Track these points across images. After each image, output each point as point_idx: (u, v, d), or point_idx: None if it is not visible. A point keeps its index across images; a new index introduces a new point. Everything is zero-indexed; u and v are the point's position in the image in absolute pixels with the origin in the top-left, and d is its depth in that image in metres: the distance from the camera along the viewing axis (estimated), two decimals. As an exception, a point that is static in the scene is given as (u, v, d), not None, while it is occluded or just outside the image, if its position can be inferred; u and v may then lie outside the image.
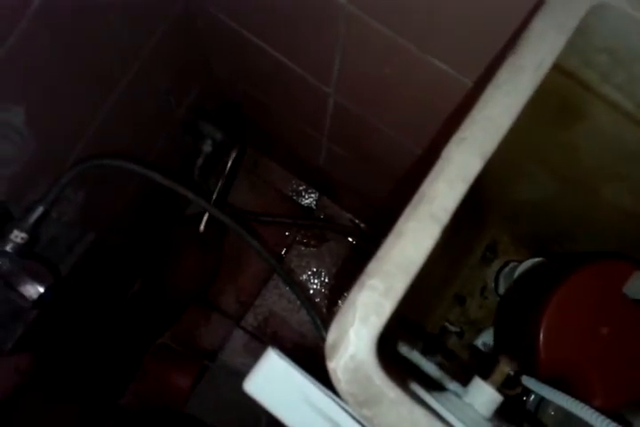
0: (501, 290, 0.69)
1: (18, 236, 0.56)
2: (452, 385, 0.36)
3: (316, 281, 1.12)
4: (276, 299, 1.06)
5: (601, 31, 0.32)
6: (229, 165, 1.01)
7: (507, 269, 0.69)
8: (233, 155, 1.02)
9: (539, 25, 0.30)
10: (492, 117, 0.28)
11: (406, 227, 0.27)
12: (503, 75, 0.29)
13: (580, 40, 0.31)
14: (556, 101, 0.40)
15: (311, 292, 1.12)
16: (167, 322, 0.81)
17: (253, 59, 0.73)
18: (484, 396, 0.35)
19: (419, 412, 0.26)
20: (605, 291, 0.51)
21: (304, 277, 1.13)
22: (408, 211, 0.28)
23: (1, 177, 0.55)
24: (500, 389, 0.37)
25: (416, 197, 0.28)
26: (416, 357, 0.37)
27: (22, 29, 0.46)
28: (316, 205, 1.15)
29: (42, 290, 0.57)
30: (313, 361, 0.31)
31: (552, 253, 0.66)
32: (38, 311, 0.79)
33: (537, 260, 0.66)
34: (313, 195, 1.15)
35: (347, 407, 0.29)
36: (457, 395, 0.35)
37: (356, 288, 0.27)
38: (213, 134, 0.92)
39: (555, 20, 0.30)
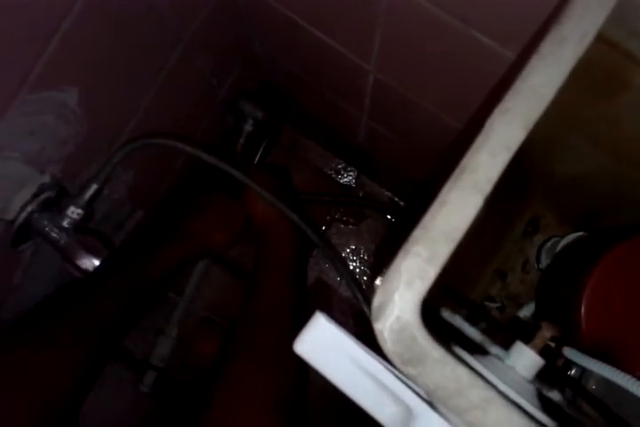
0: (543, 265, 0.69)
1: (74, 212, 0.60)
2: (494, 349, 0.37)
3: (354, 258, 1.14)
4: (316, 275, 1.08)
5: (646, -1, 0.32)
6: (262, 146, 1.02)
7: (549, 243, 0.69)
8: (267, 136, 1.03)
9: (582, -5, 0.30)
10: (535, 88, 0.29)
11: (449, 196, 0.28)
12: (546, 46, 0.30)
13: (623, 9, 0.31)
14: (599, 72, 0.39)
15: (350, 268, 1.14)
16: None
17: (294, 38, 0.74)
18: (525, 359, 0.36)
19: (461, 371, 0.27)
20: (649, 263, 0.51)
21: (343, 254, 1.15)
22: (451, 181, 0.29)
23: (58, 156, 0.58)
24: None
25: (459, 168, 0.29)
26: (458, 321, 0.38)
27: (75, 14, 0.48)
28: (355, 183, 1.16)
29: (97, 263, 0.60)
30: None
31: (595, 227, 0.66)
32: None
33: (580, 234, 0.66)
34: (352, 173, 1.16)
35: (390, 368, 0.31)
36: (499, 358, 0.36)
37: (400, 255, 0.29)
38: (254, 114, 0.93)
39: (599, -10, 0.30)
